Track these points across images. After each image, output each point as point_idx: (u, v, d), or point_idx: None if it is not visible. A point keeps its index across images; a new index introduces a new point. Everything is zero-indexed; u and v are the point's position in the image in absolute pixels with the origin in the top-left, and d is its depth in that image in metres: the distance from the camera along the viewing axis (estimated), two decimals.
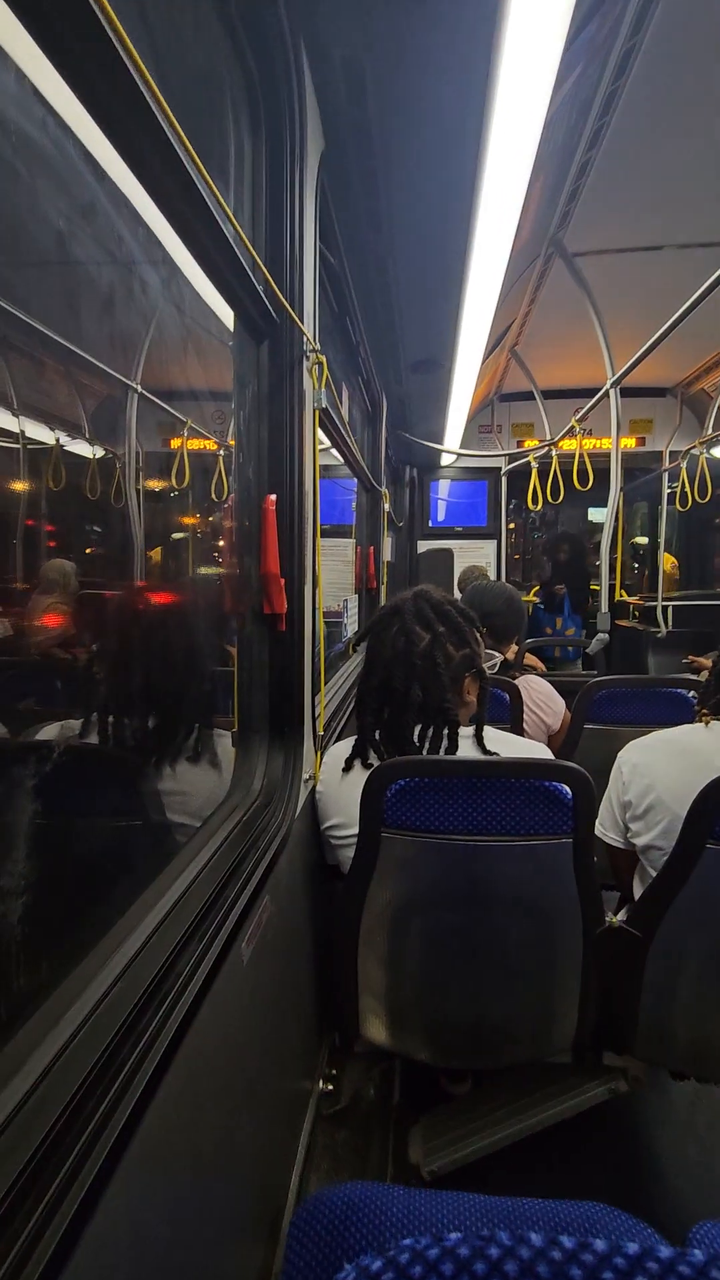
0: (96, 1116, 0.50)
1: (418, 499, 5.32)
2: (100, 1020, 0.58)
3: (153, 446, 4.22)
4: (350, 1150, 1.34)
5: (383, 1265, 0.35)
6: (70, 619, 2.95)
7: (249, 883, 0.91)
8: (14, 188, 1.51)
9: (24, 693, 1.95)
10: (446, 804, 1.15)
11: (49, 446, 3.62)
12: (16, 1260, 0.40)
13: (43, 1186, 0.44)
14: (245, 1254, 0.89)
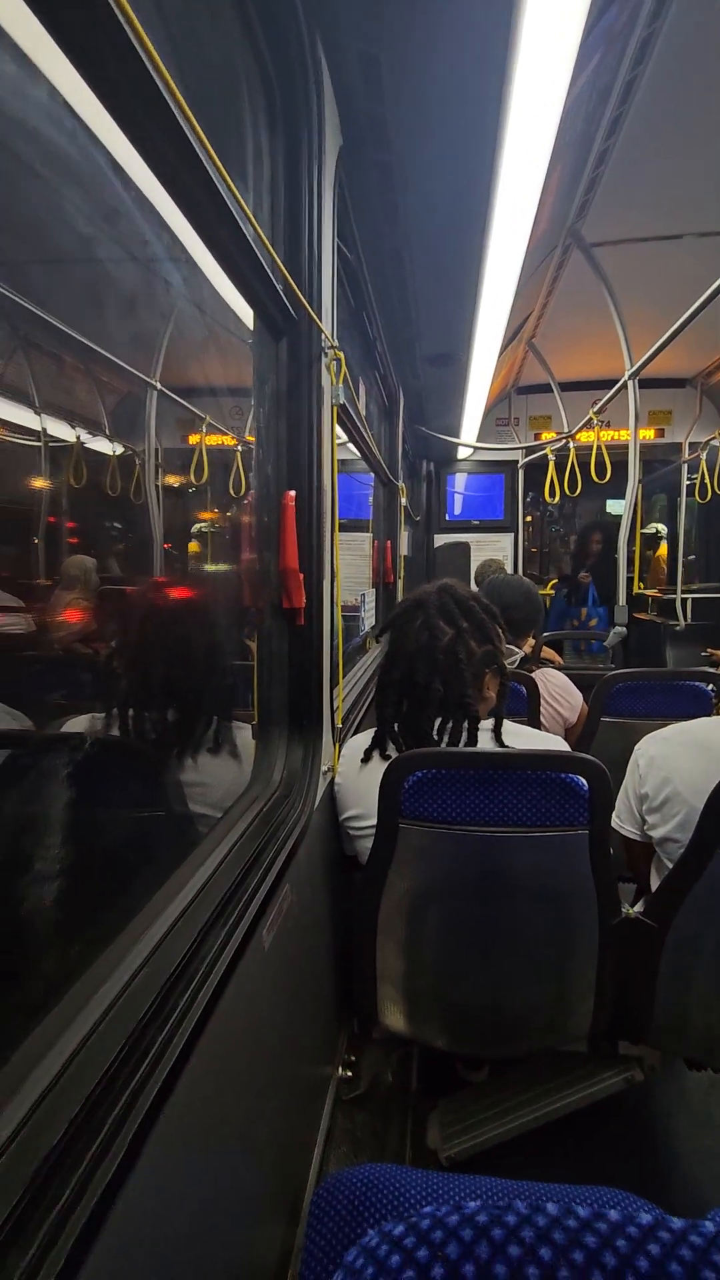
0: (125, 1096, 0.52)
1: (434, 493, 5.31)
2: (129, 1001, 0.60)
3: (171, 443, 4.26)
4: (369, 1134, 1.36)
5: (405, 1230, 0.36)
6: (91, 614, 3.00)
7: (270, 871, 0.93)
8: (35, 188, 1.53)
9: (48, 686, 2.00)
10: (464, 795, 1.16)
11: (70, 444, 3.67)
12: (49, 1233, 0.42)
13: (74, 1162, 0.46)
14: (267, 1233, 0.91)
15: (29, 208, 1.69)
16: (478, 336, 2.61)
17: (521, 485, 5.27)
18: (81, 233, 1.72)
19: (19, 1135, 0.45)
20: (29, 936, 0.75)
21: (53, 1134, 0.46)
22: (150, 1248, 0.54)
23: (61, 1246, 0.41)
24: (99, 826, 1.01)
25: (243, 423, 4.37)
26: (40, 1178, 0.43)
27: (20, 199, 1.60)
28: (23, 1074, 0.49)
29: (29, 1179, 0.42)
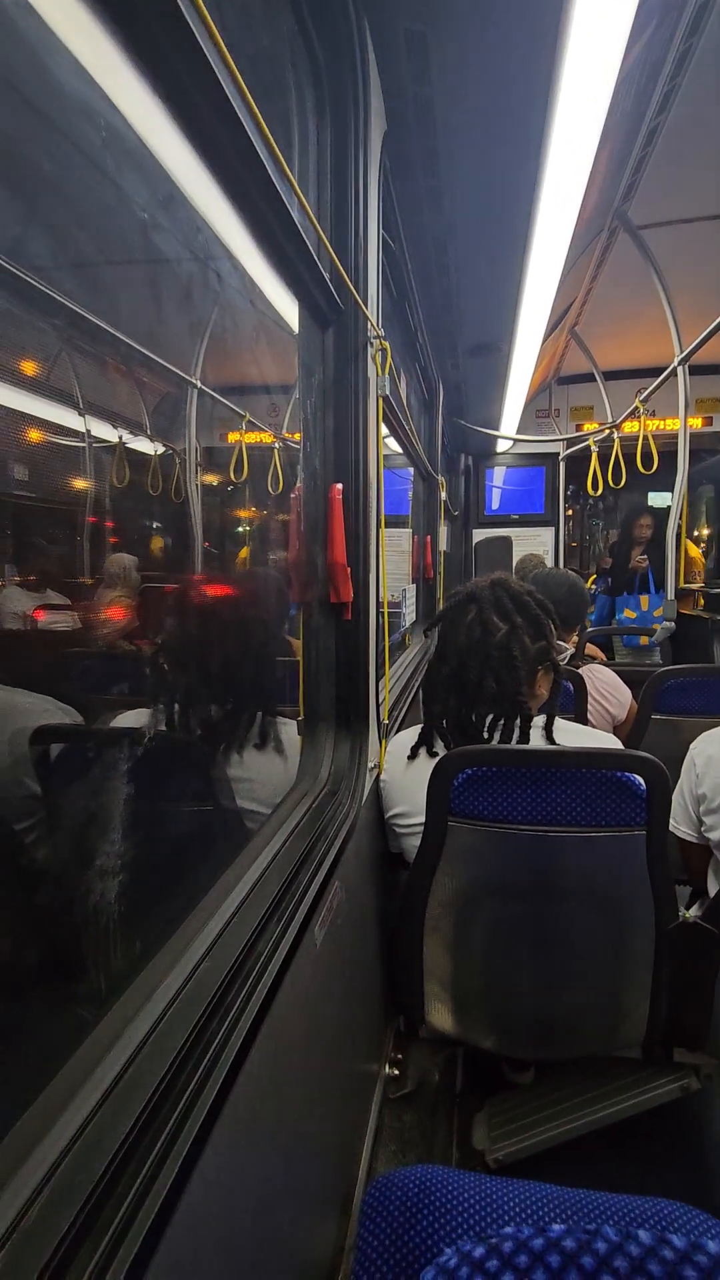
0: (190, 1089, 0.52)
1: (473, 487, 5.24)
2: (191, 994, 0.60)
3: (210, 441, 4.29)
4: (417, 1133, 1.35)
5: (486, 1251, 0.35)
6: (133, 611, 3.05)
7: (320, 869, 0.92)
8: (77, 188, 1.55)
9: (94, 682, 2.03)
10: (514, 794, 1.14)
11: (112, 444, 3.73)
12: (122, 1222, 0.42)
13: (144, 1153, 0.46)
14: (321, 1228, 0.91)
15: (71, 206, 1.71)
16: (520, 325, 2.55)
17: (563, 478, 5.17)
18: (123, 231, 1.74)
19: (90, 1123, 0.45)
20: (96, 929, 0.76)
21: (125, 1122, 0.46)
22: (216, 1240, 0.53)
23: (134, 1236, 0.41)
24: (156, 821, 1.02)
25: (280, 420, 4.38)
26: (113, 1167, 0.43)
27: (61, 197, 1.62)
28: (93, 1064, 0.49)
29: (103, 1169, 0.42)
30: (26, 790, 1.31)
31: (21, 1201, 0.39)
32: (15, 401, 2.99)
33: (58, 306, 2.13)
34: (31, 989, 1.09)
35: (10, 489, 2.78)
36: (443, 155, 1.49)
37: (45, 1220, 0.39)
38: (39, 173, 1.44)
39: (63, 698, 1.51)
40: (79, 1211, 0.40)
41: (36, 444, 3.19)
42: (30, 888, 1.23)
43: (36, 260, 1.82)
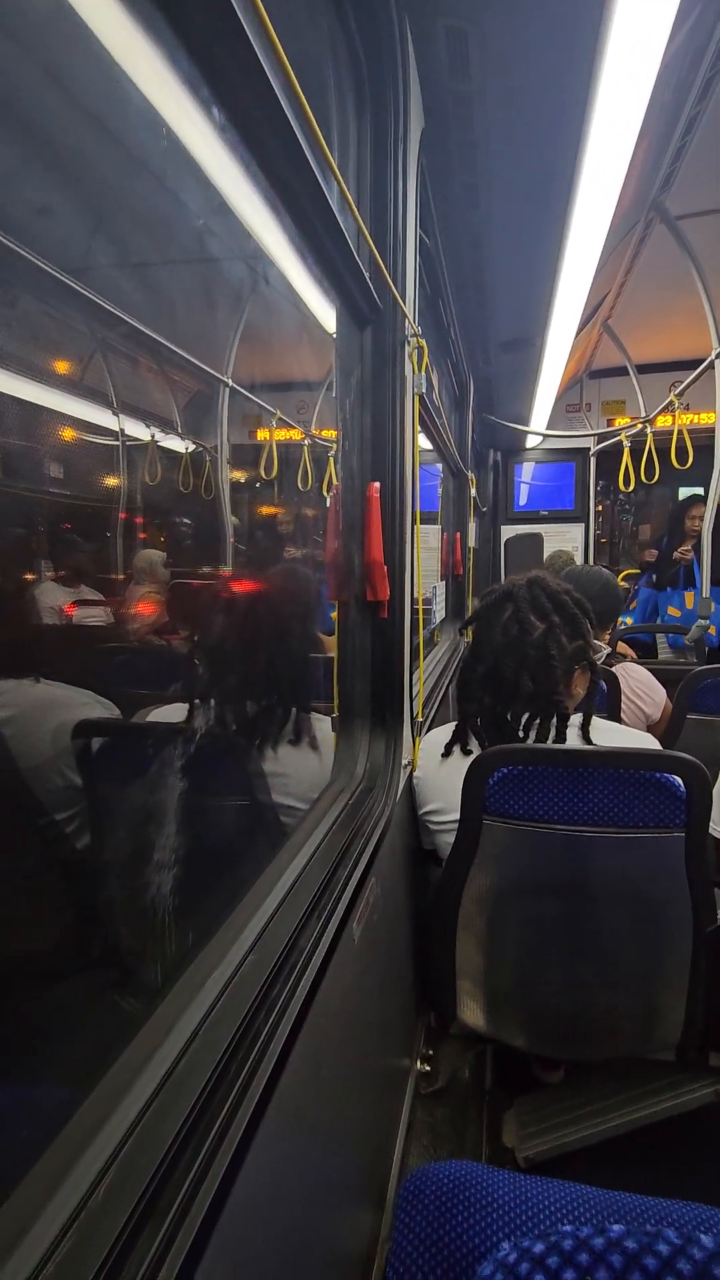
0: (240, 1079, 0.53)
1: (501, 483, 5.20)
2: (238, 988, 0.61)
3: (239, 439, 4.31)
4: (448, 1128, 1.36)
5: (546, 1249, 0.35)
6: (163, 607, 3.09)
7: (358, 865, 0.93)
8: (114, 189, 1.57)
9: (127, 677, 2.07)
10: (550, 793, 1.13)
11: (145, 442, 3.78)
12: (182, 1204, 0.43)
13: (200, 1139, 0.47)
14: (357, 1218, 0.92)
15: (106, 206, 1.74)
16: (554, 319, 2.53)
17: (593, 473, 5.10)
18: (160, 232, 1.76)
19: (149, 1110, 0.46)
20: (141, 919, 0.78)
21: (181, 1109, 0.47)
22: (266, 1228, 0.55)
23: (192, 1220, 0.42)
24: (194, 814, 1.04)
25: (309, 418, 4.39)
26: (171, 1153, 0.44)
27: (97, 198, 1.65)
28: (150, 1052, 0.51)
29: (162, 1154, 0.43)
30: (68, 781, 1.34)
31: (87, 1184, 0.41)
32: (54, 402, 3.04)
33: (92, 305, 2.16)
34: (72, 977, 1.12)
35: (47, 487, 2.84)
36: (480, 151, 1.48)
37: (110, 1202, 0.40)
38: (82, 172, 1.46)
39: (98, 692, 1.55)
40: (141, 1194, 0.41)
41: (72, 442, 3.24)
42: (70, 878, 1.26)
43: (75, 260, 1.85)
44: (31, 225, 1.53)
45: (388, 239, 1.13)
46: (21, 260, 1.56)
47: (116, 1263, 0.37)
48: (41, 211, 1.52)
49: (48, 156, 1.38)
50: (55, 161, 1.40)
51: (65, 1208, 0.39)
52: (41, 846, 1.26)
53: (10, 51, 0.97)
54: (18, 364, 2.46)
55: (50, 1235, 0.37)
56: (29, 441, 2.63)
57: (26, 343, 2.38)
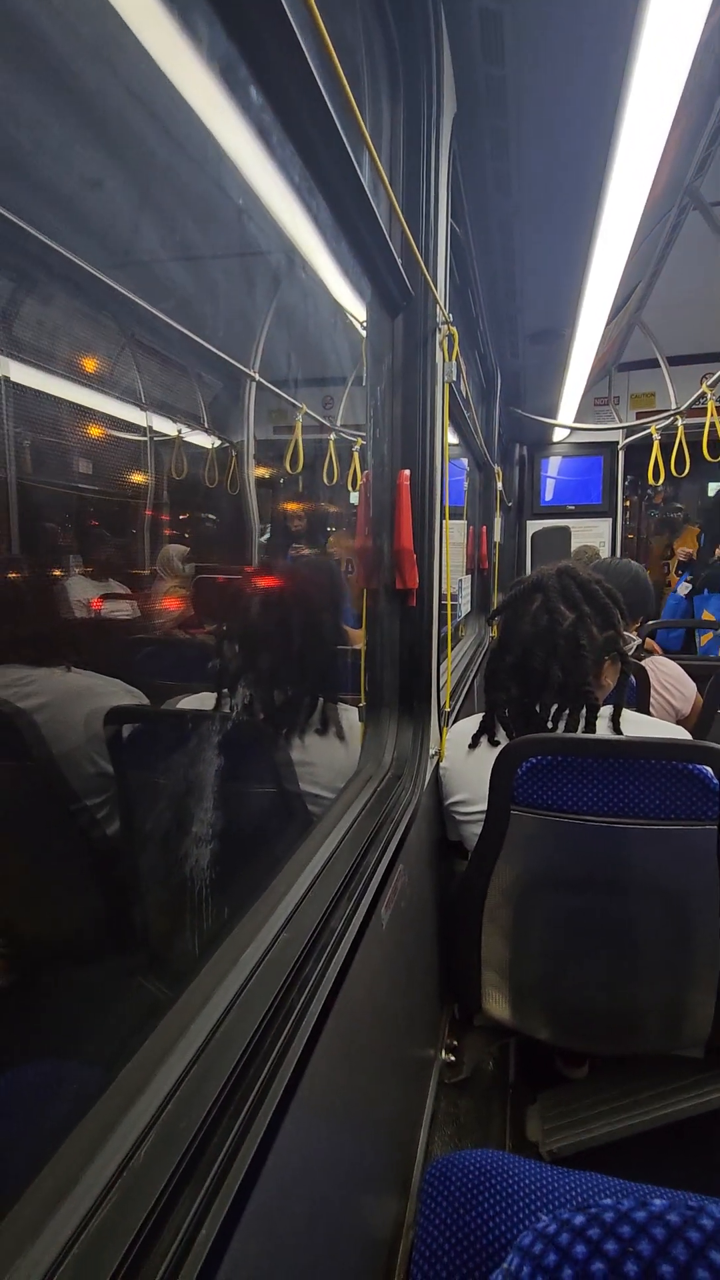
0: (274, 1052, 0.54)
1: (527, 477, 5.15)
2: (272, 963, 0.62)
3: (265, 434, 4.33)
4: (472, 1118, 1.36)
5: (586, 1220, 0.35)
6: (188, 601, 3.11)
7: (386, 851, 0.93)
8: (143, 184, 1.58)
9: (155, 667, 2.10)
10: (580, 784, 1.12)
11: (171, 438, 3.81)
12: (220, 1169, 0.44)
13: (236, 1108, 0.48)
14: (383, 1203, 0.92)
15: (138, 202, 1.75)
16: (584, 310, 2.49)
17: (621, 468, 5.03)
18: (188, 227, 1.77)
19: (187, 1077, 0.47)
20: (177, 898, 0.79)
21: (218, 1077, 0.48)
22: (299, 1203, 0.55)
23: (229, 1186, 0.42)
24: (222, 800, 1.05)
25: (335, 412, 4.39)
26: (209, 1120, 0.45)
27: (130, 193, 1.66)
28: (184, 1024, 0.52)
29: (200, 1119, 0.44)
30: (99, 768, 1.36)
31: (129, 1144, 0.41)
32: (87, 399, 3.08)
33: (121, 300, 2.17)
34: (109, 953, 1.14)
35: (76, 482, 2.88)
36: (512, 136, 1.46)
37: (151, 1164, 0.41)
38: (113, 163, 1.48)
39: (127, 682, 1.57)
40: (181, 1157, 0.42)
41: (101, 438, 3.29)
42: (103, 861, 1.28)
43: (98, 251, 1.86)
44: (53, 216, 1.55)
45: (420, 225, 1.12)
46: (49, 252, 1.58)
47: (159, 1219, 0.37)
48: (65, 200, 1.54)
49: (74, 139, 1.40)
50: (80, 145, 1.42)
51: (109, 1165, 0.39)
52: (75, 832, 1.28)
53: (48, 31, 0.98)
54: (44, 358, 2.50)
55: (95, 1191, 0.38)
56: (58, 438, 2.68)
57: (51, 337, 2.42)
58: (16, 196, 1.44)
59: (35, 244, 1.57)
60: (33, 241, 1.55)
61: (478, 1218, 0.81)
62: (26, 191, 1.46)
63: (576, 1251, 0.33)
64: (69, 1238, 0.36)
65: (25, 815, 1.28)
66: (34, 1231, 0.36)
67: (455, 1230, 0.80)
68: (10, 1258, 0.35)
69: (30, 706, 1.29)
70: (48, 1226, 0.36)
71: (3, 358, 2.60)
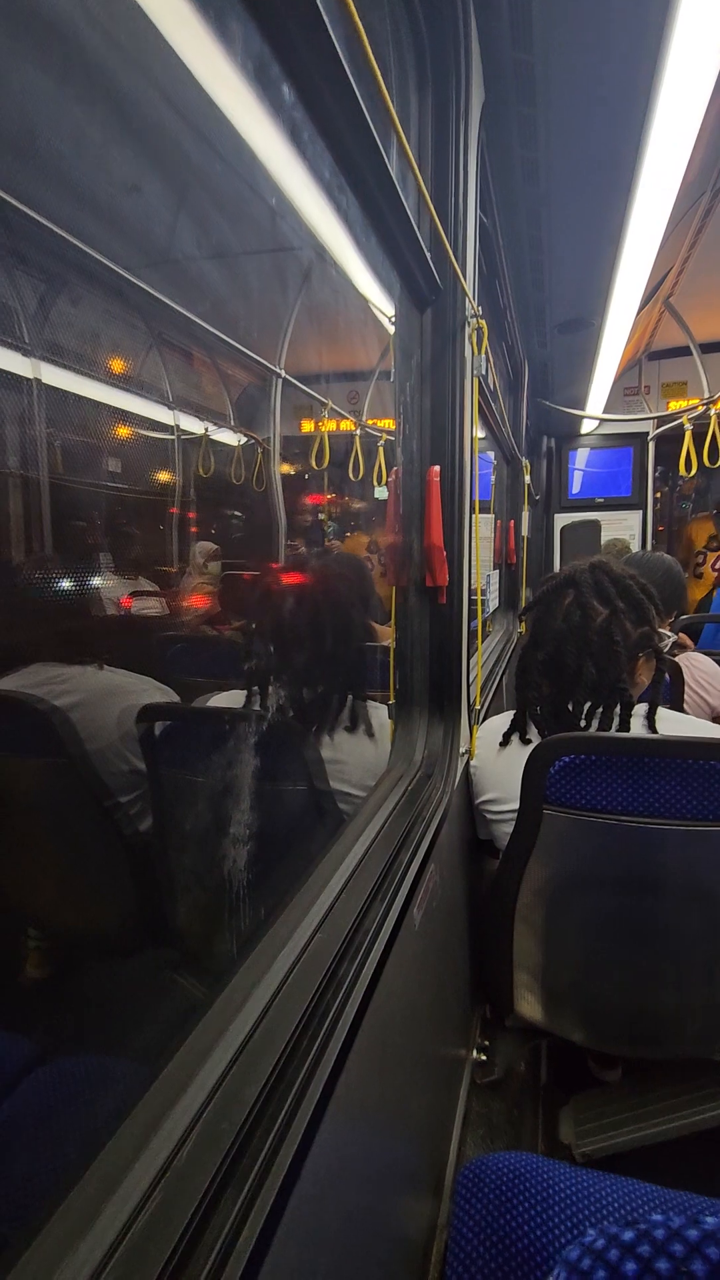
0: (312, 1053, 0.54)
1: (555, 470, 5.08)
2: (307, 964, 0.62)
3: (290, 430, 4.33)
4: (504, 1120, 1.35)
5: (635, 1237, 0.34)
6: (216, 598, 3.13)
7: (418, 851, 0.93)
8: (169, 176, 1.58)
9: (185, 665, 2.11)
10: (615, 783, 1.10)
11: (199, 436, 3.84)
12: (260, 1169, 0.44)
13: (275, 1108, 0.48)
14: (416, 1204, 0.92)
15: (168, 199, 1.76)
16: (614, 298, 2.44)
17: (652, 459, 4.93)
18: (215, 224, 1.77)
19: (228, 1076, 0.47)
20: (212, 898, 0.80)
21: (258, 1078, 0.48)
22: (337, 1204, 0.55)
23: (270, 1186, 0.43)
24: (253, 798, 1.05)
25: (361, 407, 4.38)
26: (250, 1119, 0.45)
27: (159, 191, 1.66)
28: (224, 1024, 0.52)
29: (242, 1119, 0.44)
30: (131, 765, 1.38)
31: (173, 1143, 0.42)
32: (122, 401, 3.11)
33: (147, 298, 2.18)
34: (146, 950, 1.15)
35: (104, 481, 2.91)
36: (540, 124, 1.44)
37: (194, 1163, 0.41)
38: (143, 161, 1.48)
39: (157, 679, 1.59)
40: (224, 1157, 0.42)
41: (130, 437, 3.32)
42: (136, 858, 1.30)
43: (130, 252, 1.88)
44: (81, 214, 1.56)
45: (448, 218, 1.11)
46: (74, 250, 1.59)
47: (204, 1218, 0.38)
48: (92, 200, 1.54)
49: (105, 139, 1.40)
50: (112, 146, 1.43)
51: (154, 1163, 0.40)
52: (108, 828, 1.30)
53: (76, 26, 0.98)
54: (75, 359, 2.53)
55: (142, 1187, 0.38)
56: (93, 438, 2.71)
57: (82, 338, 2.44)
58: (47, 196, 1.46)
59: (62, 243, 1.58)
60: (59, 240, 1.56)
61: (512, 1221, 0.80)
62: (57, 192, 1.47)
63: (627, 1269, 0.33)
64: (118, 1233, 0.36)
65: (61, 812, 1.30)
66: (84, 1226, 0.36)
67: (490, 1233, 0.80)
68: (62, 1253, 0.35)
69: (64, 705, 1.31)
70: (97, 1222, 0.36)
71: (35, 360, 2.64)
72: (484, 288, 2.01)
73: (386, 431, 4.03)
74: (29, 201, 1.36)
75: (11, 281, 2.06)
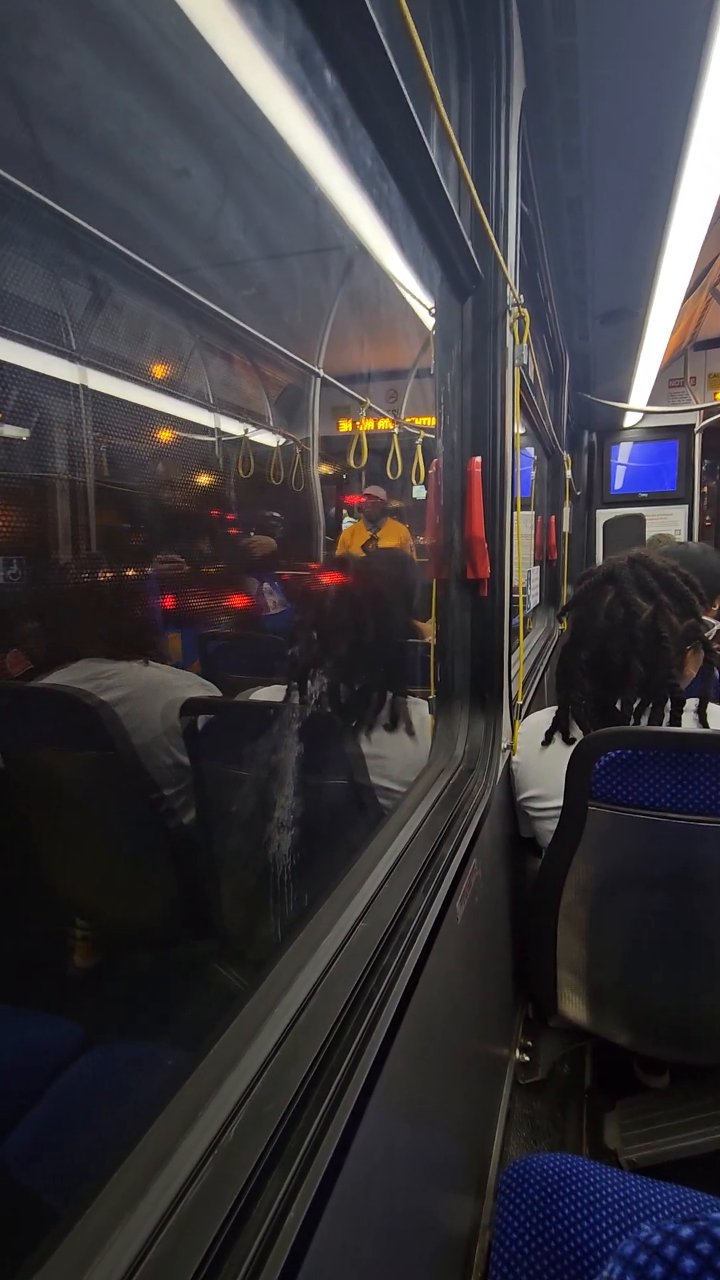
0: (356, 1040, 0.54)
1: (596, 465, 4.98)
2: (350, 954, 0.62)
3: (328, 430, 4.35)
4: (548, 1121, 1.33)
5: (694, 1234, 0.33)
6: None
7: (460, 845, 0.92)
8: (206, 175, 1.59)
9: (224, 663, 2.14)
10: (663, 779, 1.07)
11: (239, 437, 3.89)
12: (307, 1152, 0.44)
13: (320, 1094, 0.48)
14: (459, 1202, 0.91)
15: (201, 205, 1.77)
16: (659, 287, 2.38)
17: (699, 452, 4.78)
18: (259, 224, 1.78)
19: (274, 1058, 0.48)
20: (261, 886, 0.80)
21: (304, 1060, 0.48)
22: (380, 1195, 0.55)
23: (316, 1170, 0.43)
24: (300, 791, 1.06)
25: (399, 406, 4.37)
26: (296, 1101, 0.45)
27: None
28: (269, 1008, 0.52)
29: (288, 1102, 0.44)
30: (175, 759, 1.40)
31: (219, 1123, 0.42)
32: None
33: (187, 299, 2.21)
34: (190, 938, 1.17)
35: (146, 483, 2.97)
36: (583, 110, 1.41)
37: (240, 1144, 0.42)
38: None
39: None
40: (270, 1139, 0.42)
41: (173, 441, 3.38)
42: (179, 848, 1.32)
43: (171, 252, 1.90)
44: (105, 211, 1.58)
45: (490, 204, 1.10)
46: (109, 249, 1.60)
47: (250, 1197, 0.38)
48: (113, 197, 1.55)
49: (144, 130, 1.42)
50: (152, 139, 1.44)
51: (202, 1142, 0.40)
52: (154, 820, 1.32)
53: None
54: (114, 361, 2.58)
55: (189, 1166, 0.39)
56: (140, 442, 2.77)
57: (116, 338, 2.49)
58: (81, 198, 1.48)
59: (97, 242, 1.60)
60: (94, 239, 1.58)
61: (559, 1223, 0.79)
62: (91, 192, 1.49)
63: (685, 1266, 0.32)
64: (167, 1208, 0.36)
65: (108, 805, 1.33)
66: (135, 1198, 0.37)
67: (535, 1234, 0.78)
68: (110, 1227, 0.36)
69: (111, 699, 1.35)
70: (146, 1196, 0.37)
71: (82, 366, 2.71)
72: (525, 279, 1.98)
73: (425, 429, 4.01)
74: (59, 197, 1.36)
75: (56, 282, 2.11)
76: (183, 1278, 0.34)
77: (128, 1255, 0.35)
